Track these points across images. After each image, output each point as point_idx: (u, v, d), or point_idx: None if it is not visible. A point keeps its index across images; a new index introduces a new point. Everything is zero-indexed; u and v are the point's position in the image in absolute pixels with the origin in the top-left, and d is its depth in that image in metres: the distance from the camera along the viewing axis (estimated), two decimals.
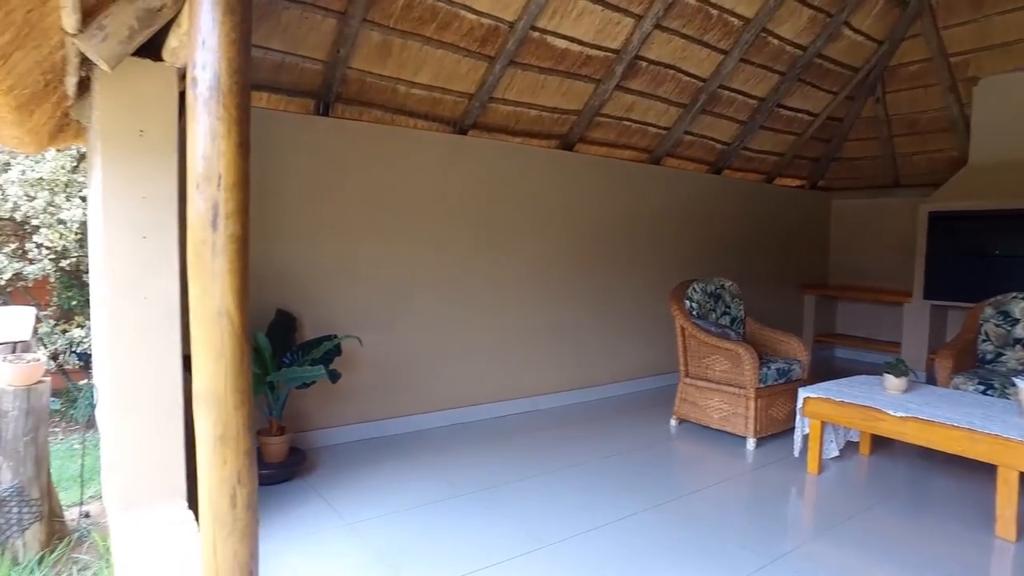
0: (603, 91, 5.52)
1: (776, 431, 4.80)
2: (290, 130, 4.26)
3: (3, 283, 5.23)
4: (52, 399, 3.20)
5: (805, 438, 4.23)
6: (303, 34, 4.14)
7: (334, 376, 3.81)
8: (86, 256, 5.34)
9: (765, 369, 4.65)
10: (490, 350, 5.34)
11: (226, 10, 1.82)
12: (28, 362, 2.94)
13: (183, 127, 2.79)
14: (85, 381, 5.46)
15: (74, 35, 2.08)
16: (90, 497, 3.80)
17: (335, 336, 3.93)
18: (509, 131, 5.45)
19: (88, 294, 5.64)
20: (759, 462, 4.39)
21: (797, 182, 8.46)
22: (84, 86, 2.85)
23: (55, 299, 5.57)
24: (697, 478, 4.14)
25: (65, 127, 3.46)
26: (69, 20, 2.04)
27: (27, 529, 3.07)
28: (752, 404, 4.58)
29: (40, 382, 3.02)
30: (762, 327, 5.36)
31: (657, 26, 5.21)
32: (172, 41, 2.48)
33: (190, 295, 1.89)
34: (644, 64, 5.54)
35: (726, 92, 6.30)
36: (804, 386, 4.30)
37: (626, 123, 6.06)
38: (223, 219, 1.84)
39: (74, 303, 5.63)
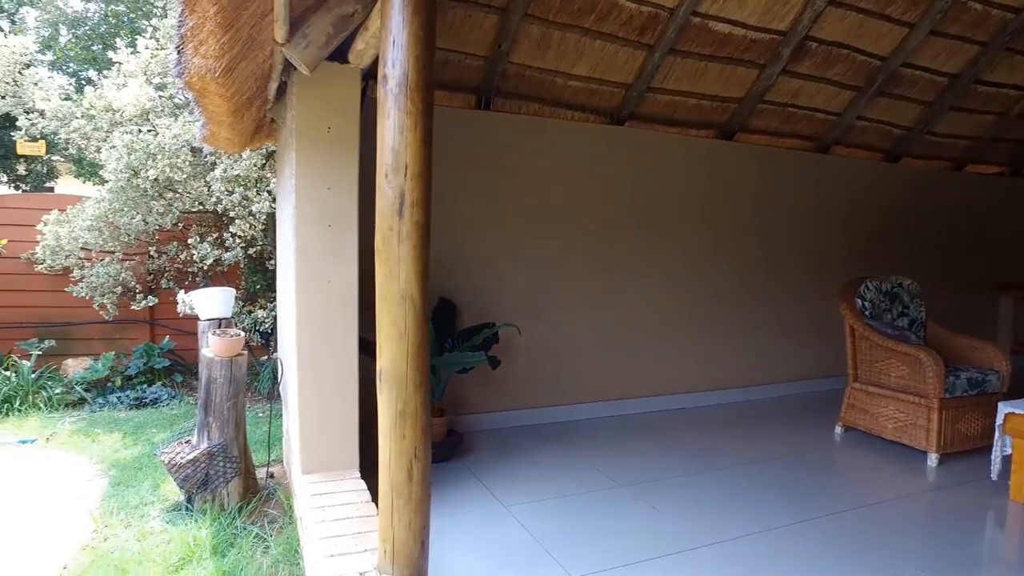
0: (767, 76, 5.21)
1: (965, 448, 4.28)
2: (452, 124, 4.44)
3: (205, 268, 5.97)
4: None
5: (1006, 459, 3.73)
6: (466, 32, 4.29)
7: (494, 363, 3.94)
8: (269, 244, 5.95)
9: (952, 378, 4.17)
10: (643, 343, 5.27)
11: (414, 10, 1.93)
12: (232, 336, 3.34)
13: (363, 123, 3.03)
14: (265, 357, 6.09)
15: (282, 44, 2.31)
16: (273, 460, 4.24)
17: (493, 324, 4.07)
18: (666, 121, 5.31)
19: (270, 279, 6.27)
20: (943, 481, 3.96)
21: (994, 169, 7.48)
22: (281, 90, 3.16)
23: (243, 283, 6.25)
24: (868, 492, 3.81)
25: (260, 128, 3.85)
26: (280, 31, 2.27)
27: (230, 482, 3.49)
28: (935, 416, 4.14)
29: (240, 354, 3.41)
30: (949, 332, 4.80)
31: (831, 2, 4.81)
32: (359, 44, 2.67)
33: (377, 279, 2.03)
34: (814, 45, 5.15)
35: (909, 71, 5.69)
36: (1005, 400, 3.80)
37: (791, 109, 5.68)
38: (408, 207, 1.96)
39: (258, 287, 6.28)
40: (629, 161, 5.10)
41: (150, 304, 6.03)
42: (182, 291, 3.88)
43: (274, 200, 5.11)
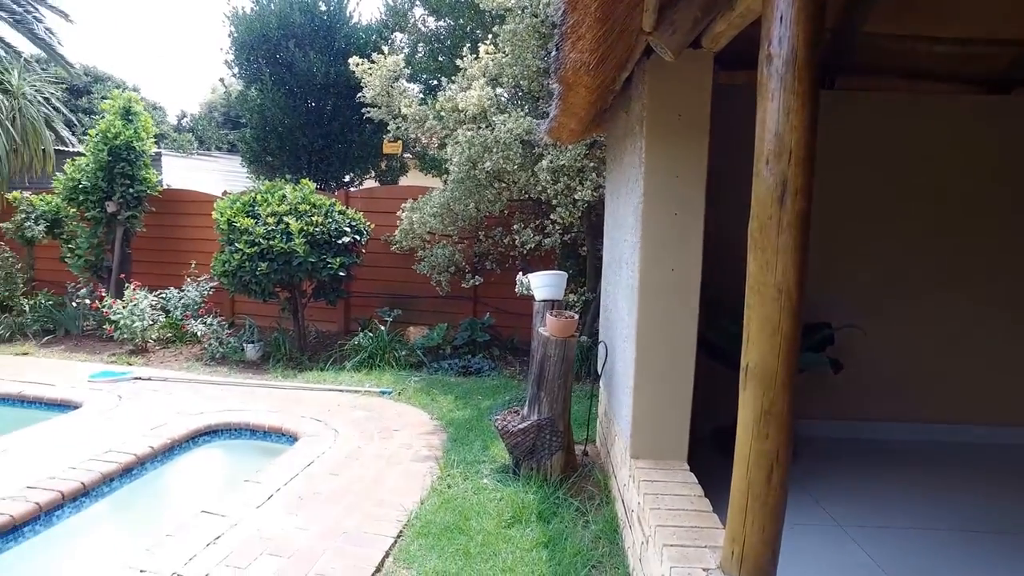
0: None
1: None
2: None
3: (525, 252, 6.49)
4: None
5: None
6: None
7: (836, 366, 3.58)
8: (583, 231, 6.23)
9: None
10: (1018, 361, 4.34)
11: None
12: (567, 318, 3.54)
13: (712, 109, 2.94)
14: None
15: (649, 33, 2.33)
16: (584, 439, 4.43)
17: (830, 324, 3.69)
18: None
19: (581, 264, 6.57)
20: None
21: None
22: (627, 79, 3.22)
23: (556, 267, 6.65)
24: None
25: (595, 119, 3.99)
26: (648, 20, 2.29)
27: (554, 455, 3.73)
28: None
29: (572, 336, 3.60)
30: None
31: None
32: (718, 26, 2.57)
33: (749, 269, 1.93)
34: None
35: None
36: None
37: None
38: (791, 195, 1.82)
39: (570, 272, 6.63)
40: (1008, 140, 4.20)
41: (476, 283, 6.78)
42: (520, 273, 4.26)
43: (595, 189, 5.30)
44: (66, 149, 9.91)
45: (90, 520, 3.74)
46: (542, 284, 3.81)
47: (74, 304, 7.86)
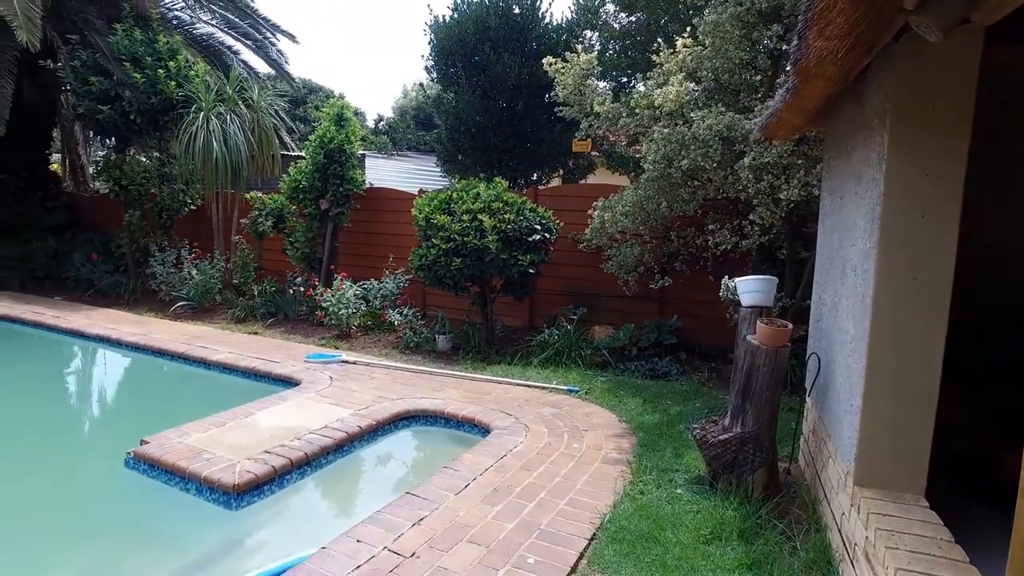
0: None
1: None
2: None
3: (717, 253, 6.17)
4: None
5: None
6: None
7: None
8: (783, 234, 5.78)
9: None
10: None
11: None
12: (779, 326, 3.29)
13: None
14: None
15: (912, 11, 2.06)
16: (785, 456, 4.11)
17: None
18: None
19: (779, 268, 6.11)
20: None
21: None
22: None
23: (751, 271, 6.24)
24: None
25: (816, 114, 3.65)
26: None
27: (756, 471, 3.49)
28: None
29: (785, 346, 3.34)
30: None
31: None
32: None
33: None
34: None
35: None
36: None
37: None
38: None
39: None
40: None
41: (665, 284, 6.57)
42: (726, 276, 4.04)
43: (803, 187, 4.88)
44: (288, 153, 11.20)
45: (311, 486, 4.18)
46: (751, 289, 3.57)
47: (291, 292, 8.85)
